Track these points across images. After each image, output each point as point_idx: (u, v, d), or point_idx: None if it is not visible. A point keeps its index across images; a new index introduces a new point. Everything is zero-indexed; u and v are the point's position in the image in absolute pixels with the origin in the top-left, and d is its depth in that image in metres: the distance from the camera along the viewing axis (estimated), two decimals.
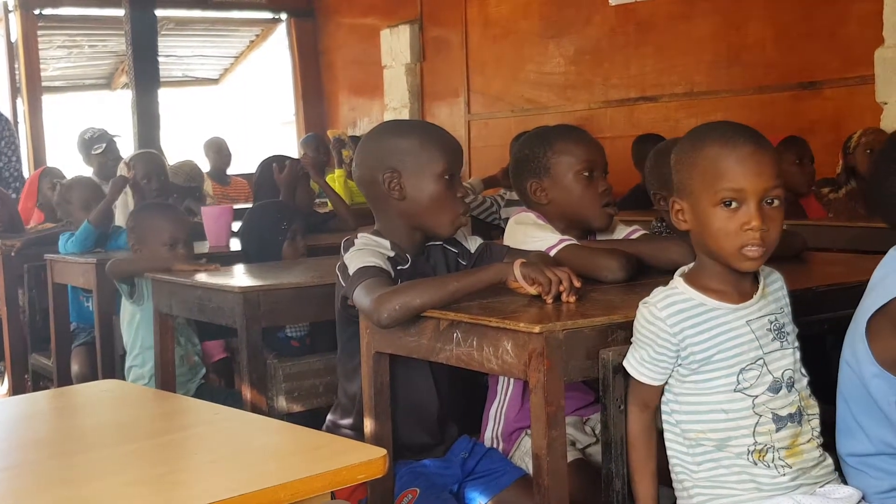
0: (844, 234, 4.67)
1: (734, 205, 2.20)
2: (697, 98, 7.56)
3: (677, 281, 2.31)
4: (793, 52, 6.95)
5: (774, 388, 2.27)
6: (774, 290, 2.35)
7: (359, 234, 2.87)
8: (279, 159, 5.68)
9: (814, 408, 2.35)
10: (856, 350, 2.30)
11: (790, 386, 2.29)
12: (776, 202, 2.22)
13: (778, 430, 2.27)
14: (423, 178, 2.81)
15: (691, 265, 2.35)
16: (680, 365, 2.29)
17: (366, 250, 2.75)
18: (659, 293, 2.30)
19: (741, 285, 2.29)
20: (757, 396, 2.26)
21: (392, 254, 2.81)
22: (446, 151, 2.85)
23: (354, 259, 2.72)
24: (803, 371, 2.34)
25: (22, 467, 1.80)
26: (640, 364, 2.31)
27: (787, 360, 2.30)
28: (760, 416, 2.26)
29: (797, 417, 2.29)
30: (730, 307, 2.27)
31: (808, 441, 2.31)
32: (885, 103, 6.33)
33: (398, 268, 2.79)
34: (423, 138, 2.86)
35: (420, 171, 2.81)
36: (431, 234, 2.90)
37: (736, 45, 7.30)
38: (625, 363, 2.34)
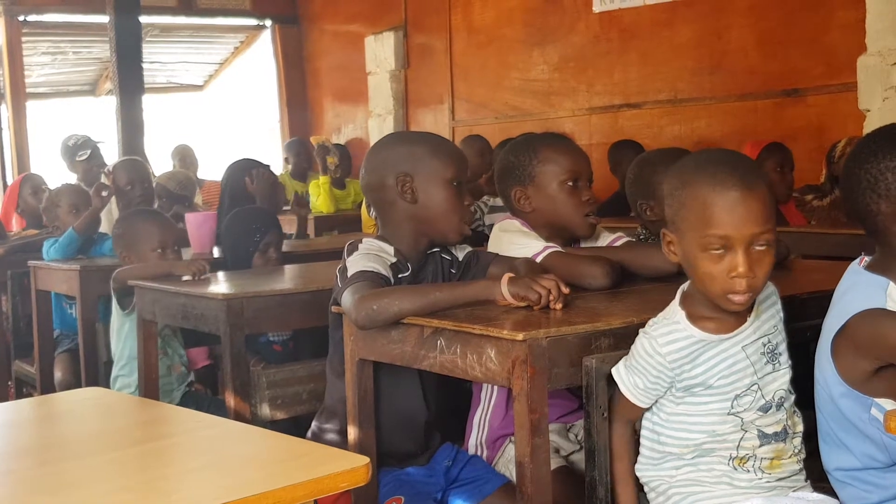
0: (827, 242, 4.68)
1: (721, 251, 2.18)
2: (681, 105, 7.57)
3: (678, 314, 2.29)
4: (775, 59, 6.97)
5: (764, 409, 2.29)
6: (768, 307, 2.35)
7: (364, 239, 2.88)
8: (249, 164, 5.67)
9: (798, 424, 2.36)
10: (823, 370, 2.31)
11: (779, 406, 2.31)
12: (765, 245, 2.19)
13: (761, 445, 2.28)
14: (434, 182, 2.86)
15: (689, 285, 2.32)
16: (676, 388, 2.29)
17: (369, 255, 2.77)
18: (661, 326, 2.29)
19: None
20: (746, 417, 2.28)
21: (394, 260, 2.82)
22: (455, 159, 2.92)
23: (356, 263, 2.73)
24: (791, 389, 2.35)
25: (4, 476, 1.79)
26: (634, 388, 2.32)
27: (778, 381, 2.31)
28: (746, 431, 2.28)
29: (782, 436, 2.31)
30: (725, 336, 2.27)
31: (790, 457, 2.33)
32: (868, 111, 6.34)
33: (399, 275, 2.81)
34: (433, 146, 2.92)
35: (431, 175, 2.86)
36: (438, 240, 2.93)
37: (719, 53, 7.31)
38: (616, 379, 2.34)
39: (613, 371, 2.35)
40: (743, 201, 2.18)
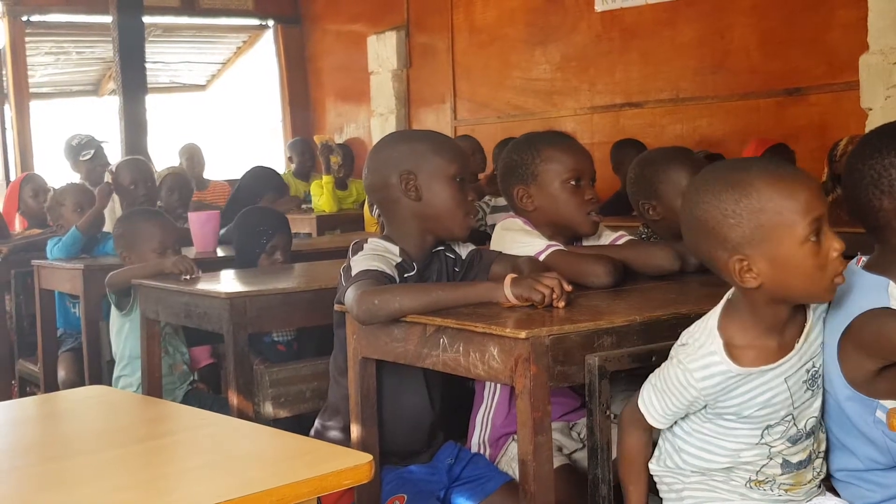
0: None
1: (816, 238, 2.08)
2: (683, 104, 7.57)
3: (716, 343, 2.17)
4: (778, 58, 6.97)
5: (794, 440, 2.24)
6: (818, 321, 2.26)
7: (369, 239, 2.88)
8: (265, 171, 5.70)
9: (822, 444, 2.31)
10: (828, 373, 2.26)
11: (809, 435, 2.26)
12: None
13: (783, 473, 2.25)
14: (438, 179, 2.85)
15: (730, 309, 2.21)
16: (709, 412, 2.24)
17: (374, 255, 2.77)
18: (697, 357, 2.18)
19: (786, 333, 2.20)
20: (775, 446, 2.24)
21: (399, 260, 2.82)
22: (458, 155, 2.91)
23: (360, 263, 2.73)
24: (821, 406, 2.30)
25: (8, 473, 1.80)
26: (661, 416, 2.26)
27: (813, 406, 2.26)
28: (771, 459, 2.24)
29: (806, 462, 2.27)
30: (767, 368, 2.17)
31: (810, 481, 2.29)
32: (870, 109, 6.35)
33: (405, 275, 2.81)
34: (435, 143, 2.92)
35: (435, 172, 2.85)
36: (444, 236, 2.93)
37: (721, 52, 7.32)
38: (641, 406, 2.28)
39: (639, 400, 2.31)
40: (809, 177, 2.14)
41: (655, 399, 2.26)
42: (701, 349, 2.19)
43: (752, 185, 2.09)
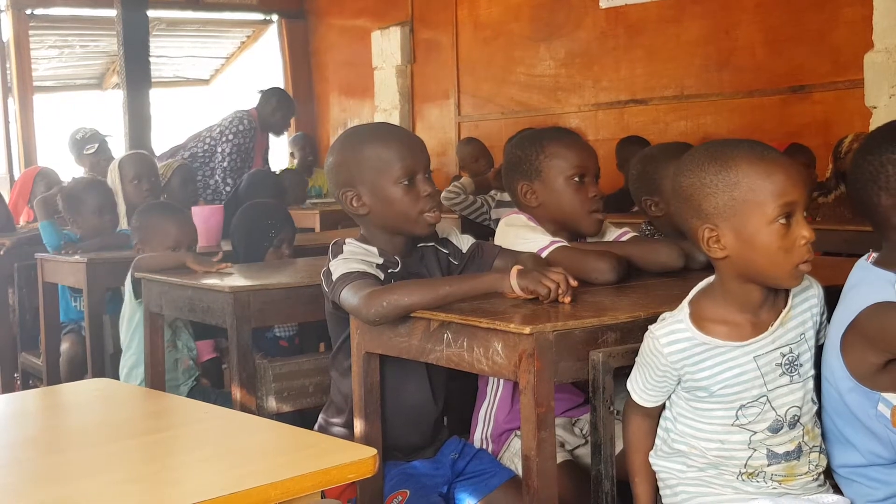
0: (832, 238, 4.68)
1: (785, 220, 2.12)
2: (687, 101, 7.57)
3: (683, 313, 2.25)
4: (782, 56, 6.97)
5: (775, 428, 2.25)
6: (801, 313, 2.30)
7: (347, 241, 2.85)
8: (266, 174, 5.72)
9: (816, 438, 2.32)
10: (831, 365, 2.29)
11: (793, 424, 2.27)
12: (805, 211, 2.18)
13: (770, 464, 2.26)
14: (381, 188, 2.78)
15: (707, 286, 2.29)
16: (683, 389, 2.29)
17: (352, 260, 2.74)
18: (664, 325, 2.27)
19: (761, 314, 2.24)
20: (755, 433, 2.25)
21: (381, 260, 2.79)
22: (401, 155, 2.79)
23: (340, 267, 2.71)
24: (814, 399, 2.31)
25: (11, 465, 1.80)
26: (642, 390, 2.33)
27: (794, 395, 2.27)
28: (755, 450, 2.26)
29: (795, 454, 2.28)
30: (736, 344, 2.22)
31: (806, 473, 2.30)
32: (875, 107, 6.35)
33: (389, 271, 2.79)
34: (375, 147, 2.81)
35: (376, 181, 2.78)
36: (410, 236, 2.87)
37: (726, 49, 7.32)
38: (628, 385, 2.35)
39: (628, 380, 2.36)
40: (792, 165, 2.18)
41: (638, 374, 2.34)
42: (670, 318, 2.28)
43: (733, 160, 2.16)
